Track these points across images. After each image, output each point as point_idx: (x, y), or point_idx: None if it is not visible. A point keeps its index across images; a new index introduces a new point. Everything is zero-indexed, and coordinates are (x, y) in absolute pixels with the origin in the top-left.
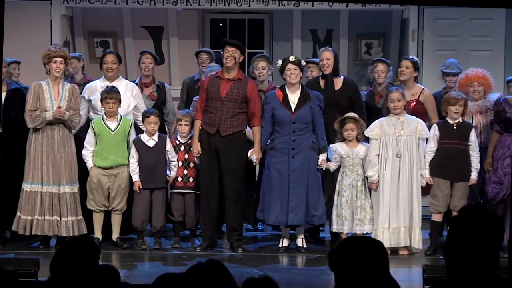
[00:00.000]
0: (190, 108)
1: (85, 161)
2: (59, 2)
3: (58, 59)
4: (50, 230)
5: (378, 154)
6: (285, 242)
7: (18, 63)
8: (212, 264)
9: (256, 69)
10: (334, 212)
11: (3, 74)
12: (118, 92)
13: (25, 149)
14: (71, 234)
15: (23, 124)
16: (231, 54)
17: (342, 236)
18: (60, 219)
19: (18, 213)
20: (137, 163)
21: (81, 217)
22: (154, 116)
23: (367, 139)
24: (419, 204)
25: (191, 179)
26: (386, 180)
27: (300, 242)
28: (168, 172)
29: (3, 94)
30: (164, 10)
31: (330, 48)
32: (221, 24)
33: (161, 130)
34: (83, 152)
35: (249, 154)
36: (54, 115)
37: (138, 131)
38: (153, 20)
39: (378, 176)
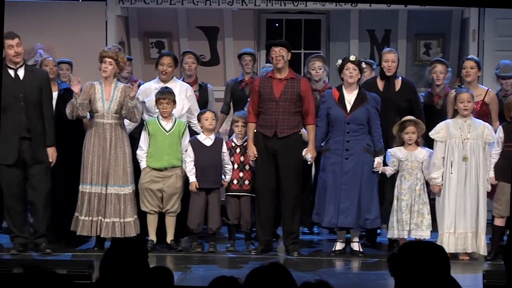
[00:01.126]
0: (245, 109)
1: (139, 161)
2: (115, 3)
3: (108, 60)
4: (93, 229)
5: (443, 157)
6: (338, 246)
7: (69, 63)
8: (275, 267)
9: (313, 69)
10: (393, 218)
11: (53, 73)
12: (172, 93)
13: (79, 149)
14: (116, 236)
15: (77, 124)
16: (279, 54)
17: (401, 241)
18: (104, 219)
19: (76, 214)
20: (193, 163)
21: (130, 219)
22: (210, 112)
23: (426, 143)
24: (485, 210)
25: (246, 182)
26: (452, 184)
27: (356, 246)
28: (223, 176)
29: (54, 94)
30: (219, 10)
31: (394, 50)
32: (277, 24)
33: None
34: (138, 152)
35: (303, 153)
36: (131, 94)
37: (192, 134)
38: (209, 20)
39: (442, 179)
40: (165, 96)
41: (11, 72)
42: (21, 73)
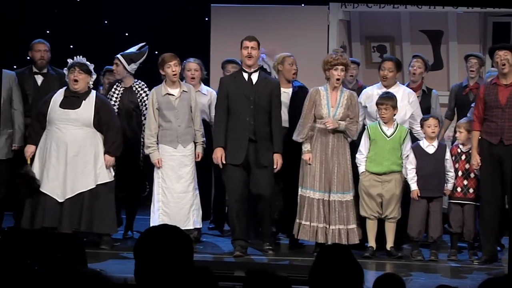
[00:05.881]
0: (468, 115)
1: (358, 165)
2: (337, 7)
3: (340, 67)
4: (321, 236)
5: None
6: None
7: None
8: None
9: None
10: None
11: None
12: (392, 98)
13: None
14: (342, 243)
15: None
16: (504, 58)
17: None
18: (329, 226)
19: (297, 220)
20: (415, 170)
21: (353, 226)
22: (433, 119)
23: None
24: None
25: (471, 190)
26: None
27: None
28: (445, 184)
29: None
30: (443, 13)
31: None
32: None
33: None
34: (357, 156)
35: None
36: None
37: (414, 140)
38: (432, 24)
39: None
40: (383, 101)
41: (245, 75)
42: (254, 77)
